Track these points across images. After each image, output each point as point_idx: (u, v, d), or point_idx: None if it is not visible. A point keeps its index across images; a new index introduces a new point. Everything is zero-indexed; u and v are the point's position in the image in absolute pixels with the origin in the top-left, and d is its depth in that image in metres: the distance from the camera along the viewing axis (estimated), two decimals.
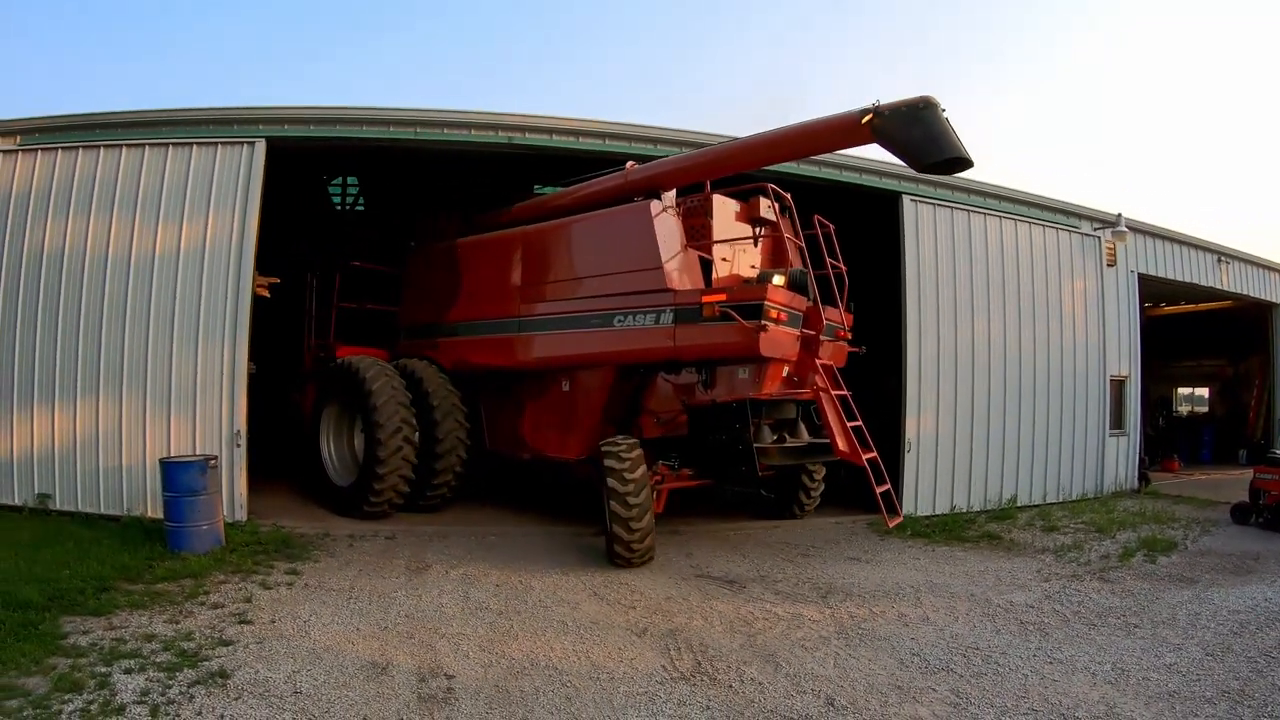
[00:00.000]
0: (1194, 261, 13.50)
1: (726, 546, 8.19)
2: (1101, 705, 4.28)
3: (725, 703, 4.30)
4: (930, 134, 6.19)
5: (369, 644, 5.04)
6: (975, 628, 5.67)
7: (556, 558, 7.54)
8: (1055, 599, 6.41)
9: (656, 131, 9.29)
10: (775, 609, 6.10)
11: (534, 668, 4.74)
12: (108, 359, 7.93)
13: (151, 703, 4.05)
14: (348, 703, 4.17)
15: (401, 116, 8.60)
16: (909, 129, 6.24)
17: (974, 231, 10.70)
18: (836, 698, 4.39)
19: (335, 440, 9.48)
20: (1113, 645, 5.27)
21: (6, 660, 4.43)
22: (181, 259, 7.95)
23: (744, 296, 7.13)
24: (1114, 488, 11.80)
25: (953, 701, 4.35)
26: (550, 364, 8.60)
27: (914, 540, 8.71)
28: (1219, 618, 5.86)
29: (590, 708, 4.19)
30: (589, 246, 8.35)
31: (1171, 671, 4.79)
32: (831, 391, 7.62)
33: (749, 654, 5.09)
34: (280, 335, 10.20)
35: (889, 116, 6.30)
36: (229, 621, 5.31)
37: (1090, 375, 11.62)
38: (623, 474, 7.05)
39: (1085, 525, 9.44)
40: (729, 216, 8.42)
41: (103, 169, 8.01)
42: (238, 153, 8.05)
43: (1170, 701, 4.34)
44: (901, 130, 6.28)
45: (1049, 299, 11.27)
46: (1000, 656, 5.05)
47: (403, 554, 7.44)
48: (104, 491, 7.87)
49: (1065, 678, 4.69)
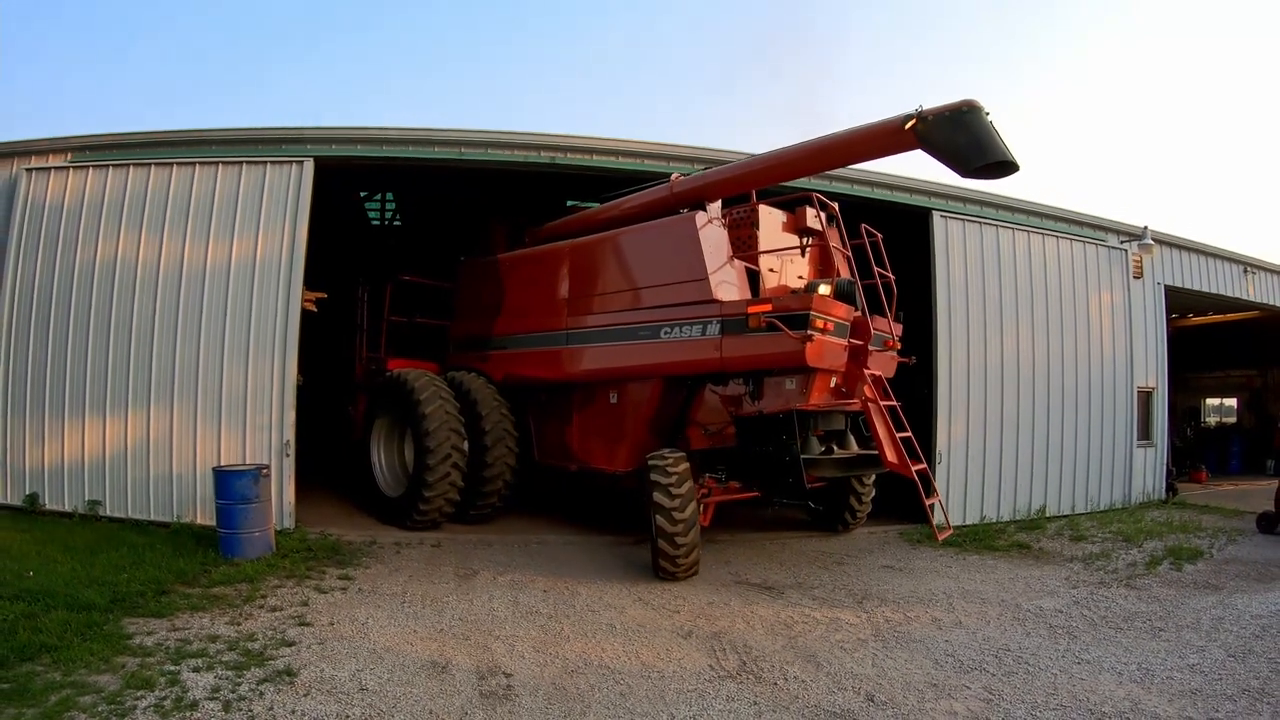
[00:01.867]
0: (1220, 273, 13.80)
1: (763, 555, 8.56)
2: (1127, 702, 4.63)
3: (771, 699, 4.68)
4: (975, 138, 6.19)
5: (427, 645, 5.40)
6: (1006, 631, 6.03)
7: (599, 565, 7.93)
8: (1083, 604, 6.76)
9: (694, 150, 9.66)
10: (813, 613, 6.48)
11: (587, 667, 5.11)
12: (159, 370, 8.41)
13: (223, 699, 4.35)
14: (413, 699, 4.50)
15: (446, 137, 9.07)
16: (953, 134, 6.25)
17: (1002, 246, 11.06)
18: (876, 694, 4.76)
19: (386, 451, 9.89)
20: (1138, 647, 5.61)
21: (76, 659, 4.74)
22: (232, 275, 8.44)
23: (790, 307, 7.18)
24: (1141, 498, 12.09)
25: (986, 698, 4.72)
26: (597, 376, 8.77)
27: (945, 549, 9.03)
28: (1242, 622, 6.19)
29: (644, 703, 4.57)
30: (635, 259, 8.52)
31: (1194, 671, 5.13)
32: (880, 402, 7.62)
33: (791, 654, 5.46)
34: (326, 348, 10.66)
35: (932, 122, 6.33)
36: (289, 623, 5.66)
37: (1118, 387, 11.94)
38: (669, 489, 7.16)
39: (1113, 535, 9.75)
40: (775, 227, 8.52)
41: (153, 186, 8.52)
42: (286, 171, 8.55)
43: (1193, 699, 4.69)
44: (946, 135, 6.29)
45: (1076, 312, 11.62)
46: (1030, 657, 5.42)
47: (450, 561, 7.85)
48: (154, 498, 8.35)
49: (1092, 677, 5.05)
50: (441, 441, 8.75)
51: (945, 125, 6.26)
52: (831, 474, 7.99)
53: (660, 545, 7.21)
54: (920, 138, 6.41)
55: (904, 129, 6.45)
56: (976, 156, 6.20)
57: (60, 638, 4.99)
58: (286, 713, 4.24)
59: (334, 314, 11.44)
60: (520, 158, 9.40)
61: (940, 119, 6.28)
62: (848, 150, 7.30)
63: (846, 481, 9.24)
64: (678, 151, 9.69)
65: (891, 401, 7.78)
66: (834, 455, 7.83)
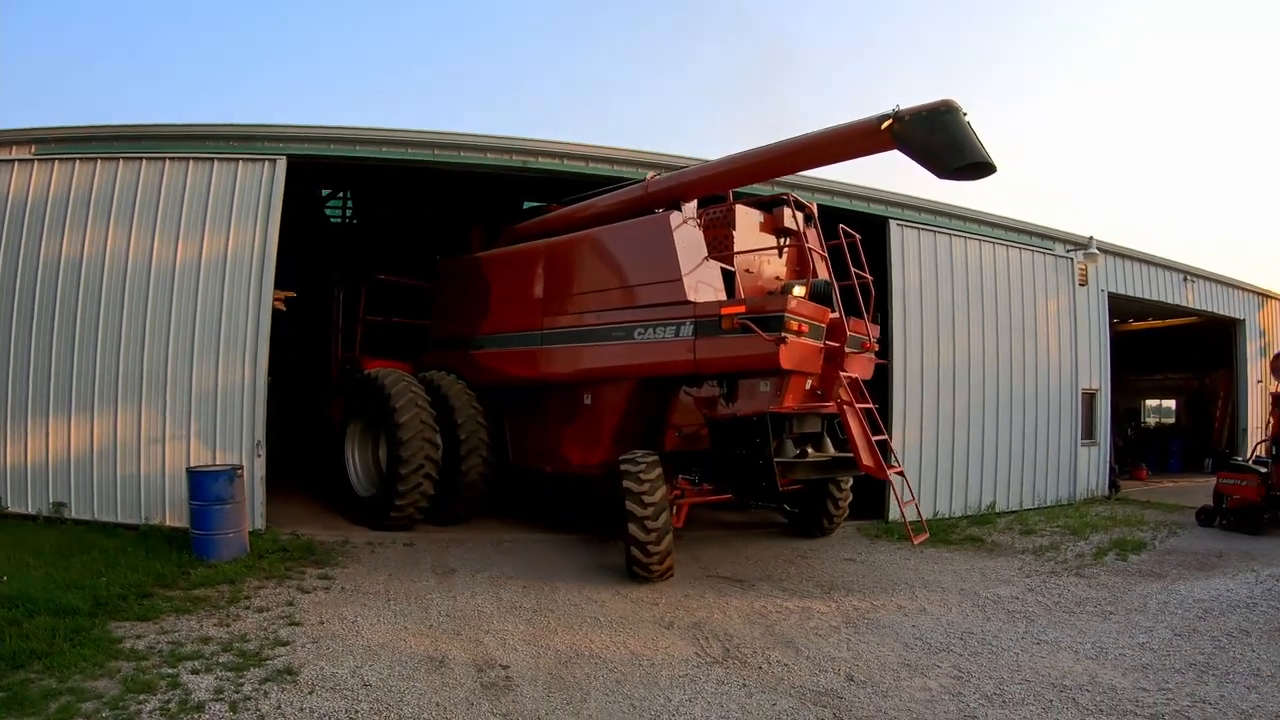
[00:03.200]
0: (1161, 281, 14.79)
1: (731, 551, 8.94)
2: (1085, 676, 5.13)
3: (759, 681, 5.03)
4: (952, 139, 6.16)
5: (419, 640, 5.57)
6: (968, 616, 6.53)
7: (572, 562, 8.18)
8: (1037, 592, 7.32)
9: (663, 158, 9.96)
10: (785, 603, 6.87)
11: (579, 657, 5.37)
12: (127, 369, 8.34)
13: (229, 699, 4.40)
14: (417, 692, 4.65)
15: (420, 139, 9.20)
16: (930, 135, 6.21)
17: (955, 254, 11.71)
18: (854, 675, 5.16)
19: (360, 451, 9.93)
20: (1091, 629, 6.16)
21: (69, 665, 4.71)
22: (202, 272, 8.42)
23: (764, 308, 7.16)
24: (1086, 494, 12.91)
25: (956, 675, 5.16)
26: (572, 377, 8.76)
27: (902, 543, 9.51)
28: (1185, 605, 6.80)
29: (640, 689, 4.86)
30: (609, 259, 8.51)
31: (1144, 649, 5.68)
32: (855, 405, 7.62)
33: (770, 641, 5.84)
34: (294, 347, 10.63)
35: (909, 122, 6.26)
36: (279, 624, 5.72)
37: (1063, 388, 12.73)
38: (641, 497, 7.19)
39: (1061, 529, 10.45)
40: (752, 227, 8.51)
41: (121, 181, 8.43)
42: (259, 169, 8.58)
43: (1145, 672, 5.22)
44: (923, 136, 6.25)
45: (1025, 317, 12.35)
46: (993, 639, 5.90)
47: (425, 560, 8.00)
48: (122, 500, 8.28)
49: (1051, 655, 5.55)
50: (415, 442, 8.83)
51: (922, 126, 6.22)
52: (806, 477, 8.04)
53: (633, 553, 7.32)
54: (896, 138, 6.38)
55: (880, 129, 6.42)
56: (954, 158, 6.18)
57: (49, 643, 4.98)
58: (295, 710, 4.33)
59: (303, 313, 11.40)
60: (492, 161, 9.60)
61: (917, 119, 6.24)
62: (823, 150, 7.26)
63: (823, 484, 9.27)
64: (648, 158, 9.99)
65: (868, 404, 7.85)
66: (809, 458, 7.84)
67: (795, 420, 7.77)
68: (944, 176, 6.46)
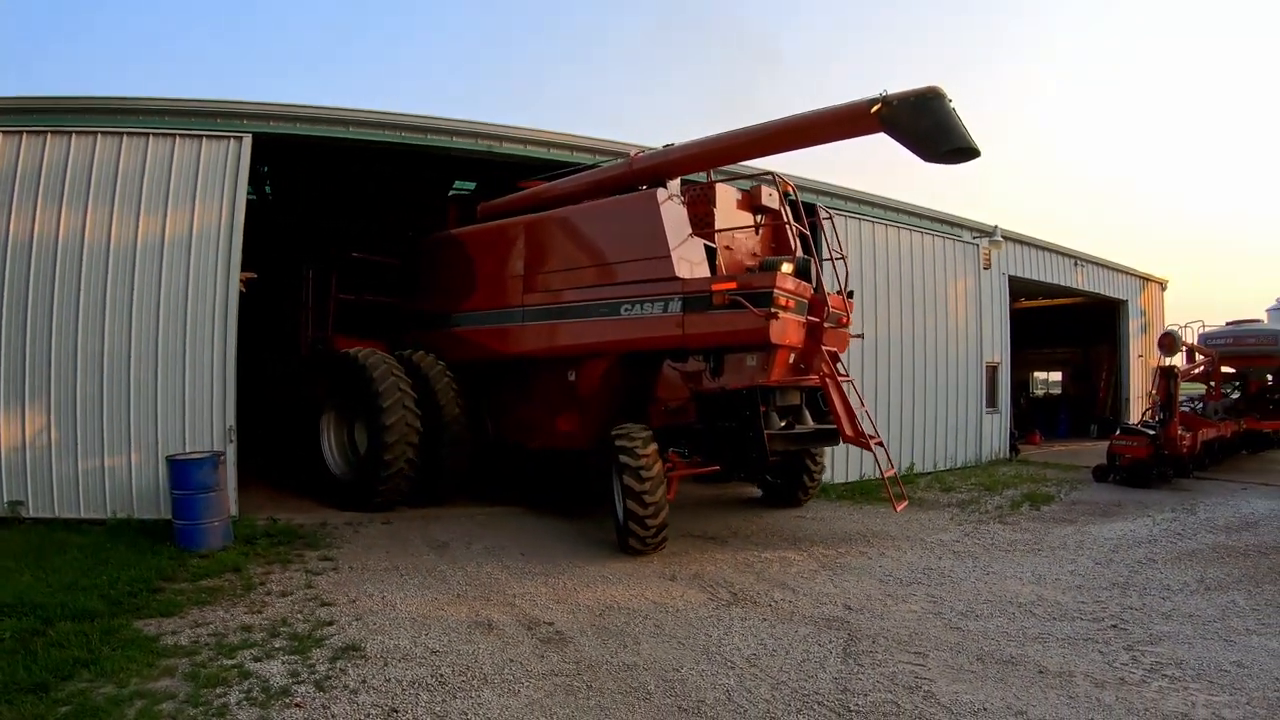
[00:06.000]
0: (1055, 265, 17.02)
1: (695, 514, 9.82)
2: (1034, 596, 6.41)
3: (775, 615, 5.94)
4: (939, 124, 6.48)
5: (457, 608, 5.95)
6: (922, 557, 7.75)
7: (551, 530, 8.83)
8: (972, 536, 8.70)
9: (621, 146, 10.53)
10: (764, 554, 7.85)
11: (610, 610, 6.03)
12: (86, 356, 8.16)
13: (310, 680, 4.55)
14: (486, 653, 5.02)
15: (387, 120, 9.41)
16: (918, 119, 6.51)
17: (877, 240, 13.13)
18: (850, 605, 6.20)
19: (336, 433, 10.07)
20: (1027, 562, 7.52)
21: (119, 669, 4.62)
22: (166, 253, 8.34)
23: (753, 284, 7.43)
24: (991, 457, 14.87)
25: (931, 600, 6.31)
26: (555, 353, 8.93)
27: (840, 502, 10.90)
28: (1098, 542, 8.33)
29: (681, 629, 5.58)
30: (594, 235, 8.66)
31: (1074, 574, 7.06)
32: (837, 378, 8.12)
33: (766, 585, 6.77)
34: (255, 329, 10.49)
35: (898, 106, 6.54)
36: (311, 605, 5.92)
37: (970, 362, 14.57)
38: (639, 471, 7.40)
39: (975, 485, 12.13)
40: (731, 204, 8.83)
41: (76, 156, 8.18)
42: (223, 147, 8.54)
43: (1079, 591, 6.55)
44: (910, 120, 6.54)
45: (937, 297, 14.01)
46: (950, 573, 7.13)
47: (412, 536, 8.39)
48: (85, 495, 8.11)
49: (1001, 583, 6.82)
50: (398, 423, 9.03)
51: (910, 110, 6.53)
52: (792, 449, 8.46)
53: (631, 526, 7.50)
54: (884, 121, 6.66)
55: (869, 112, 6.69)
56: (941, 142, 6.54)
57: (88, 650, 4.86)
58: (383, 680, 4.58)
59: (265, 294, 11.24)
60: (459, 144, 9.96)
61: (905, 104, 6.55)
62: (813, 131, 7.49)
63: (799, 456, 9.74)
64: (608, 146, 10.64)
65: (847, 378, 8.40)
66: (796, 430, 8.28)
67: (779, 393, 8.20)
68: (930, 160, 6.82)
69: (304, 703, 4.30)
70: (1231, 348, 14.72)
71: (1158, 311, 20.79)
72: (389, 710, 4.24)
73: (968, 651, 5.12)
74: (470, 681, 4.62)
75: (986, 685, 4.57)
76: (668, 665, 4.91)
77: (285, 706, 4.25)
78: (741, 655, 5.09)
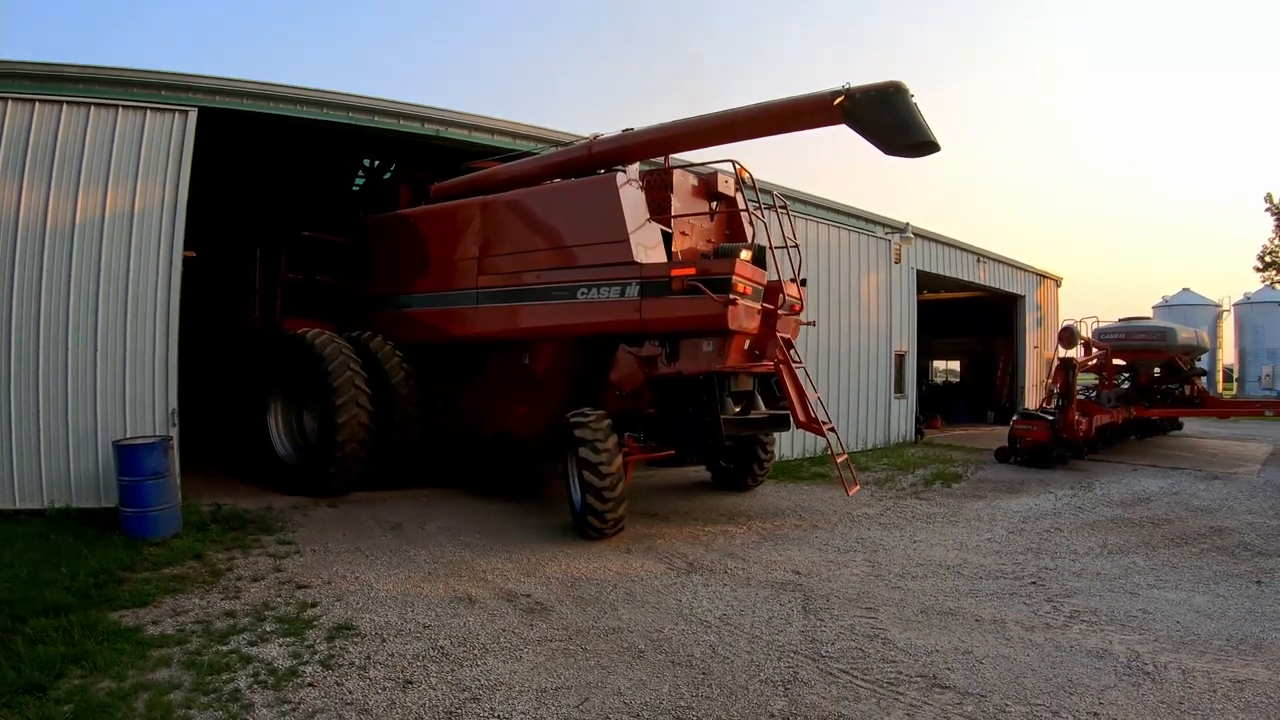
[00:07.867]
0: (959, 261, 18.49)
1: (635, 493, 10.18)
2: (958, 559, 7.30)
3: (733, 580, 6.53)
4: (900, 119, 6.63)
5: (434, 585, 6.17)
6: (852, 529, 8.56)
7: (497, 510, 9.11)
8: (893, 510, 9.62)
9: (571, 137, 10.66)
10: (708, 528, 8.46)
11: (580, 581, 6.44)
12: (20, 338, 7.82)
13: (314, 659, 4.67)
14: (475, 625, 5.29)
15: (336, 100, 9.36)
16: (880, 113, 6.64)
17: (797, 233, 13.94)
18: (799, 569, 6.88)
19: (284, 416, 9.96)
20: (948, 532, 8.46)
21: (111, 662, 4.57)
22: (106, 230, 8.07)
23: (712, 270, 7.56)
24: (898, 440, 16.16)
25: (869, 564, 7.08)
26: (509, 335, 8.98)
27: (766, 482, 11.49)
28: (1009, 515, 9.39)
29: (652, 595, 6.08)
30: (552, 218, 8.67)
31: (992, 542, 8.02)
32: (790, 364, 8.39)
33: (717, 555, 7.36)
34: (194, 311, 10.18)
35: (860, 100, 6.66)
36: (288, 589, 6.01)
37: (880, 350, 15.75)
38: (595, 444, 7.48)
39: (888, 465, 13.24)
40: (688, 190, 8.96)
41: (10, 126, 7.78)
42: (169, 121, 8.30)
43: (998, 555, 7.48)
44: (872, 114, 6.67)
45: (851, 289, 15.08)
46: (880, 542, 7.95)
47: (363, 518, 8.52)
48: (20, 484, 7.79)
49: (928, 549, 7.68)
50: (349, 405, 9.04)
51: (872, 104, 6.66)
52: (746, 434, 8.68)
53: (589, 501, 7.50)
54: (846, 114, 6.80)
55: (832, 105, 6.83)
56: (901, 136, 6.74)
57: (74, 645, 4.79)
58: (386, 655, 4.77)
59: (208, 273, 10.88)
60: (405, 127, 10.02)
61: (867, 98, 6.68)
62: (773, 120, 7.62)
63: (750, 442, 10.02)
64: (554, 136, 10.93)
65: (800, 363, 8.63)
66: (751, 415, 8.52)
67: (734, 379, 8.44)
68: (890, 153, 7.02)
69: (317, 681, 4.42)
70: (1124, 342, 15.98)
71: (1052, 306, 22.89)
72: (404, 683, 4.43)
73: (911, 606, 5.89)
74: (471, 652, 4.90)
75: (934, 632, 5.33)
76: (650, 627, 5.40)
77: (299, 686, 4.36)
78: (714, 615, 5.66)
